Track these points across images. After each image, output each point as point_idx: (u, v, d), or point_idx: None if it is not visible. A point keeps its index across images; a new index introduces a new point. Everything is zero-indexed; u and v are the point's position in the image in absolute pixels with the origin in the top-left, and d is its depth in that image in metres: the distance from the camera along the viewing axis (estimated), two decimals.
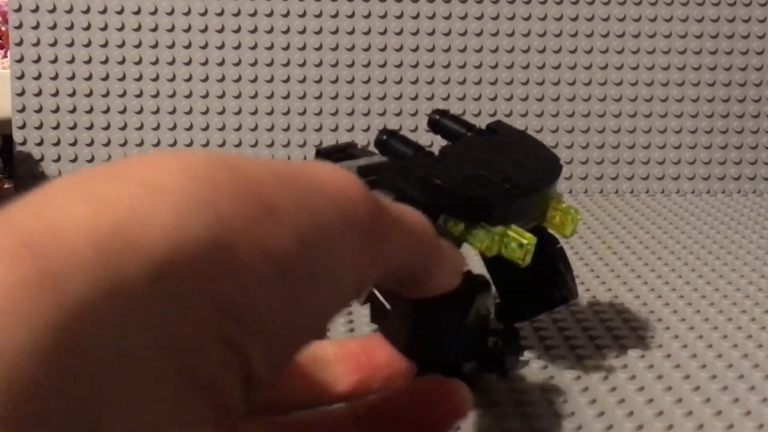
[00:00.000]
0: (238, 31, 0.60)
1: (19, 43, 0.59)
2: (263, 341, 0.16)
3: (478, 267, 0.44)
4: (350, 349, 0.26)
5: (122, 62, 0.59)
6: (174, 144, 0.60)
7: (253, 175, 0.16)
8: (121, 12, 0.59)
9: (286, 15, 0.60)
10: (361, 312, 0.36)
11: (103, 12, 0.59)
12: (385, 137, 0.31)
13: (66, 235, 0.13)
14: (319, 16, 0.60)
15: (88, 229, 0.13)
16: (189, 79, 0.60)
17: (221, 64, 0.60)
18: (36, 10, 0.59)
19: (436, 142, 0.59)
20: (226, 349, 0.15)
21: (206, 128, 0.60)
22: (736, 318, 0.38)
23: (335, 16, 0.60)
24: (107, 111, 0.59)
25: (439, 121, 0.33)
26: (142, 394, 0.13)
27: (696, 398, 0.31)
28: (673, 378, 0.32)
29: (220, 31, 0.60)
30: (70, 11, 0.59)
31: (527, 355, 0.34)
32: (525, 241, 0.27)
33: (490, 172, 0.30)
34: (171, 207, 0.14)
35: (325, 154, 0.33)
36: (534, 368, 0.33)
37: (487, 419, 0.29)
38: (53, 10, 0.59)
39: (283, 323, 0.16)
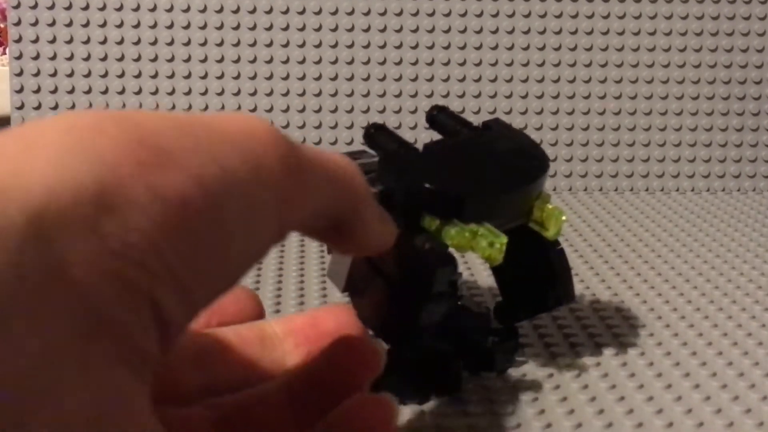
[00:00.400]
0: (237, 28, 0.59)
1: (18, 40, 0.59)
2: (174, 285, 0.16)
3: (480, 267, 0.44)
4: (296, 324, 0.26)
5: (121, 59, 0.59)
6: None
7: (143, 123, 0.17)
8: (120, 9, 0.59)
9: (286, 12, 0.59)
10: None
11: (102, 9, 0.59)
12: (372, 131, 0.31)
13: None
14: (318, 13, 0.60)
15: None
16: (188, 76, 0.59)
17: (220, 61, 0.60)
18: (35, 6, 0.58)
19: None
20: (129, 290, 0.15)
21: None
22: (736, 316, 0.38)
23: (335, 13, 0.60)
24: (107, 108, 0.59)
25: (436, 117, 0.33)
26: (40, 332, 0.14)
27: (696, 396, 0.31)
28: (673, 376, 0.32)
29: (219, 28, 0.59)
30: (68, 8, 0.59)
31: (527, 352, 0.34)
32: (494, 240, 0.27)
33: (469, 168, 0.30)
34: (49, 156, 0.15)
35: None
36: (532, 367, 0.33)
37: (484, 417, 0.29)
38: (52, 7, 0.59)
39: (196, 268, 0.16)
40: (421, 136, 0.59)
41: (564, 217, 0.30)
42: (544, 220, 0.30)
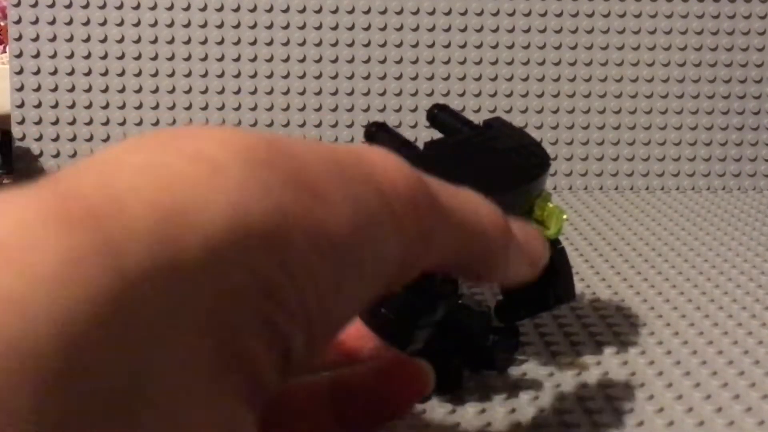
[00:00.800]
0: (237, 26, 0.59)
1: (18, 39, 0.59)
2: (305, 326, 0.16)
3: None
4: None
5: (121, 58, 0.59)
6: None
7: (306, 162, 0.16)
8: (120, 8, 0.59)
9: (286, 11, 0.59)
10: None
11: (103, 7, 0.59)
12: (373, 129, 0.31)
13: (130, 207, 0.13)
14: (318, 11, 0.60)
15: (150, 202, 0.14)
16: (188, 75, 0.59)
17: (220, 59, 0.60)
18: (35, 5, 0.58)
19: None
20: (270, 331, 0.15)
21: (205, 124, 0.60)
22: (737, 315, 0.38)
23: (335, 11, 0.60)
24: (106, 107, 0.59)
25: (437, 116, 0.33)
26: (184, 367, 0.14)
27: (696, 394, 0.31)
28: (674, 374, 0.32)
29: (220, 26, 0.59)
30: (69, 6, 0.59)
31: (528, 350, 0.33)
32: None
33: (469, 167, 0.30)
34: (231, 189, 0.15)
35: None
36: (532, 365, 0.33)
37: (485, 415, 0.29)
38: (52, 6, 0.58)
39: (326, 310, 0.16)
40: (422, 134, 0.59)
41: (565, 216, 0.30)
42: (545, 219, 0.30)
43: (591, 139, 0.61)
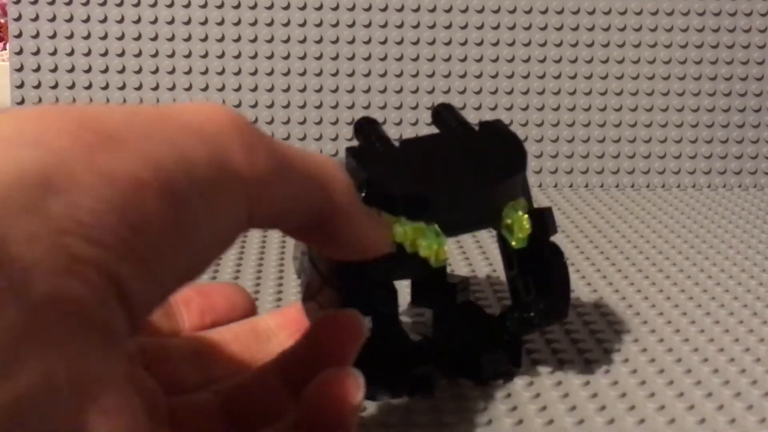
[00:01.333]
0: (238, 23, 0.59)
1: (18, 35, 0.59)
2: (133, 259, 0.16)
3: (485, 269, 0.44)
4: (288, 315, 0.27)
5: (121, 54, 0.59)
6: None
7: (89, 112, 0.17)
8: (120, 4, 0.59)
9: (287, 8, 0.59)
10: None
11: (103, 4, 0.59)
12: (359, 125, 0.31)
13: None
14: (319, 9, 0.59)
15: None
16: (188, 72, 0.59)
17: (221, 56, 0.59)
18: (35, 2, 0.58)
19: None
20: (79, 264, 0.15)
21: None
22: (738, 312, 0.38)
23: (336, 8, 0.59)
24: (106, 103, 0.59)
25: (440, 114, 0.32)
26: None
27: (698, 392, 0.31)
28: (675, 372, 0.32)
29: (220, 23, 0.59)
30: (69, 3, 0.58)
31: (536, 356, 0.33)
32: (433, 242, 0.27)
33: (432, 167, 0.29)
34: None
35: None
36: (532, 365, 0.33)
37: (481, 427, 0.29)
38: (52, 2, 0.58)
39: (156, 246, 0.16)
40: (423, 132, 0.59)
41: (527, 226, 0.29)
42: (509, 227, 0.29)
43: (592, 136, 0.61)
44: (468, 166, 0.30)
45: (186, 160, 0.17)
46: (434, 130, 0.33)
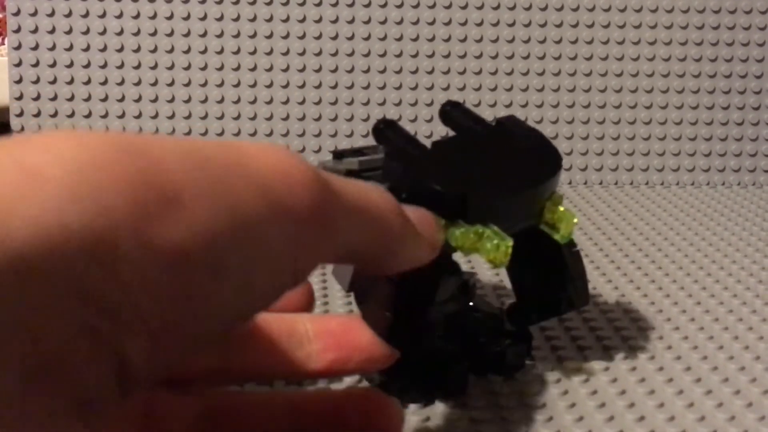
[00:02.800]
0: (237, 19, 0.59)
1: (17, 30, 0.58)
2: (144, 337, 0.15)
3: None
4: (330, 327, 0.25)
5: (120, 50, 0.59)
6: (172, 133, 0.60)
7: (159, 161, 0.15)
8: (119, 0, 0.59)
9: (286, 3, 0.59)
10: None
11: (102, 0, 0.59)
12: (381, 126, 0.31)
13: None
14: (318, 5, 0.59)
15: None
16: (188, 68, 0.59)
17: (220, 52, 0.59)
18: None
19: (436, 133, 0.59)
20: (92, 339, 0.14)
21: (204, 117, 0.59)
22: (737, 310, 0.38)
23: (335, 5, 0.59)
24: (105, 99, 0.59)
25: (449, 113, 0.32)
26: None
27: (697, 390, 0.31)
28: (675, 369, 0.32)
29: (219, 19, 0.59)
30: None
31: (535, 355, 0.33)
32: (500, 243, 0.26)
33: (477, 168, 0.29)
34: (44, 197, 0.14)
35: (338, 155, 0.32)
36: (540, 370, 0.32)
37: (493, 422, 0.29)
38: None
39: (173, 322, 0.15)
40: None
41: (575, 220, 0.30)
42: (555, 222, 0.29)
43: (591, 133, 0.60)
44: (510, 165, 0.29)
45: (237, 220, 0.16)
46: (434, 124, 0.32)
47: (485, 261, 0.27)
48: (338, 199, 0.18)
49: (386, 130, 0.30)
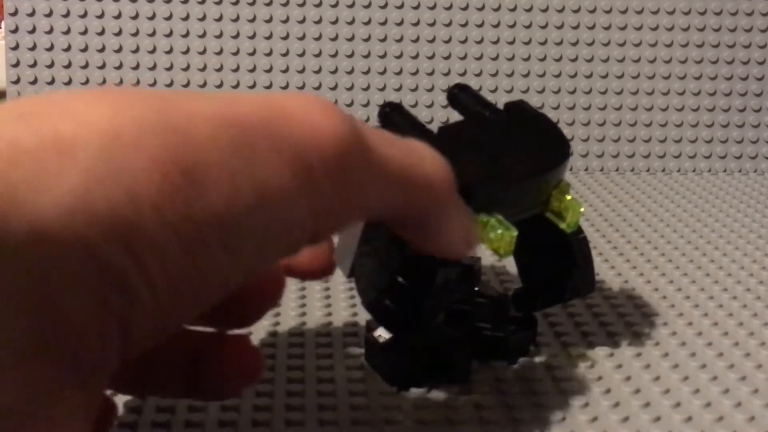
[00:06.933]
0: (236, 3, 0.59)
1: (14, 13, 0.58)
2: (151, 312, 0.15)
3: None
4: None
5: (118, 34, 0.58)
6: None
7: (190, 135, 0.16)
8: None
9: (286, 4, 0.59)
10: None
11: None
12: (387, 110, 0.30)
13: None
14: (318, 5, 0.59)
15: None
16: (186, 52, 0.59)
17: (219, 36, 0.59)
18: None
19: (436, 119, 0.59)
20: (105, 313, 0.15)
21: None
22: (741, 295, 0.38)
23: (335, 5, 0.59)
24: (103, 83, 0.59)
25: (457, 96, 0.31)
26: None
27: (702, 375, 0.31)
28: (679, 355, 0.32)
29: (218, 3, 0.59)
30: None
31: (539, 341, 0.33)
32: (504, 233, 0.26)
33: (483, 155, 0.28)
34: (75, 173, 0.14)
35: None
36: (544, 356, 0.32)
37: (497, 409, 0.28)
38: None
39: (183, 295, 0.16)
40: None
41: (582, 209, 0.29)
42: (561, 210, 0.29)
43: (592, 120, 0.60)
44: (517, 152, 0.29)
45: (265, 203, 0.16)
46: (450, 111, 0.32)
47: (490, 250, 0.26)
48: (372, 163, 0.18)
49: (392, 113, 0.30)
